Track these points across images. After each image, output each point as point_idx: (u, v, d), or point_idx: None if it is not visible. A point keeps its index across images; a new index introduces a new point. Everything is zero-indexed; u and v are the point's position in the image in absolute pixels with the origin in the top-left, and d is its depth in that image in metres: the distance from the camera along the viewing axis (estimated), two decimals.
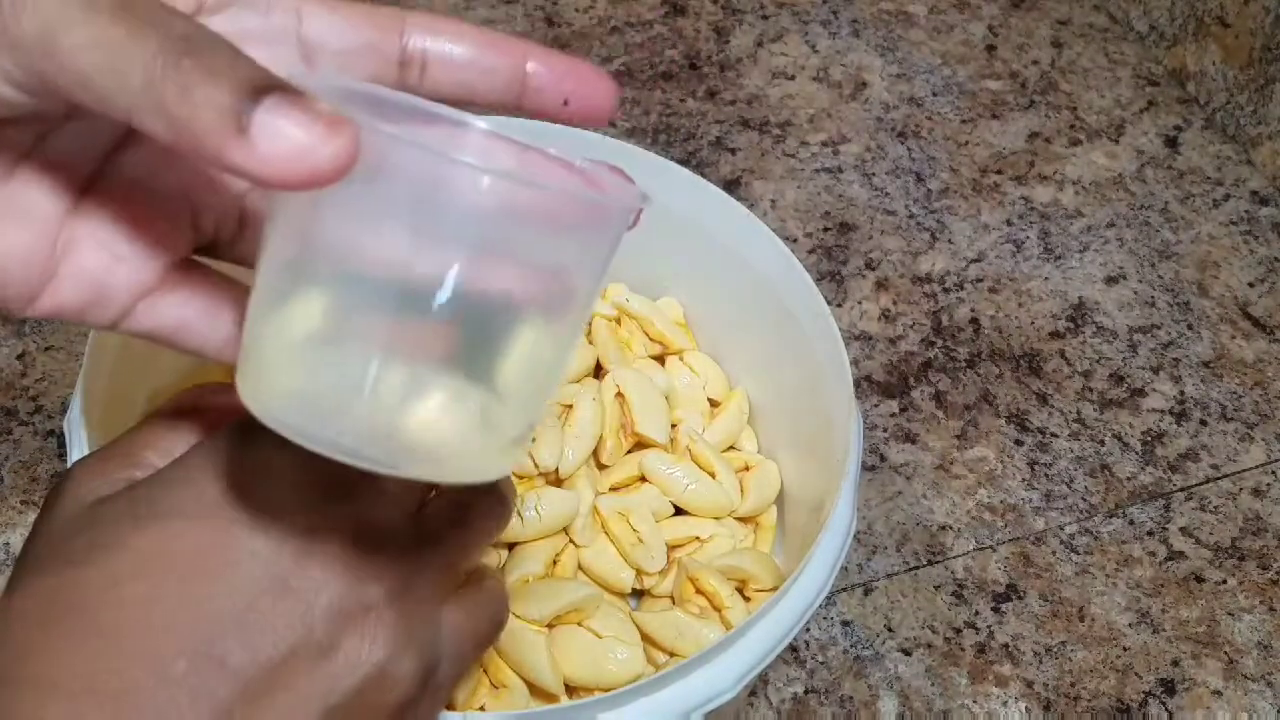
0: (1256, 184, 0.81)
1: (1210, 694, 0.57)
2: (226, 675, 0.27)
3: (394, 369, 0.26)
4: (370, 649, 0.29)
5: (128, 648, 0.27)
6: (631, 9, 0.88)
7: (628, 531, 0.50)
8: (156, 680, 0.27)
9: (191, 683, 0.27)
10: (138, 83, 0.22)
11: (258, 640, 0.28)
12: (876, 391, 0.67)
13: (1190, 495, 0.65)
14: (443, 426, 0.27)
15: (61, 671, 0.27)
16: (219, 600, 0.28)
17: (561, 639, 0.47)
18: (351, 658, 0.29)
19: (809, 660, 0.57)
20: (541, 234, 0.26)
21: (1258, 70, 0.80)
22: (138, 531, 0.29)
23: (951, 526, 0.62)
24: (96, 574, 0.28)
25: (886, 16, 0.90)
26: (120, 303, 0.28)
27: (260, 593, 0.28)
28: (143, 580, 0.28)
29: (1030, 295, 0.73)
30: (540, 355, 0.28)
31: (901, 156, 0.80)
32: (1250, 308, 0.74)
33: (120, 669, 0.27)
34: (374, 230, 0.25)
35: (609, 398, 0.53)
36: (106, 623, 0.27)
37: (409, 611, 0.30)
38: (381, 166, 0.24)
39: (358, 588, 0.29)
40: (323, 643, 0.28)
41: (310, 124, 0.22)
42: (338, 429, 0.26)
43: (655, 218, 0.55)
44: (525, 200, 0.25)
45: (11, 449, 0.60)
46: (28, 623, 0.28)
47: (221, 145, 0.22)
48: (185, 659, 0.27)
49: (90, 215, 0.27)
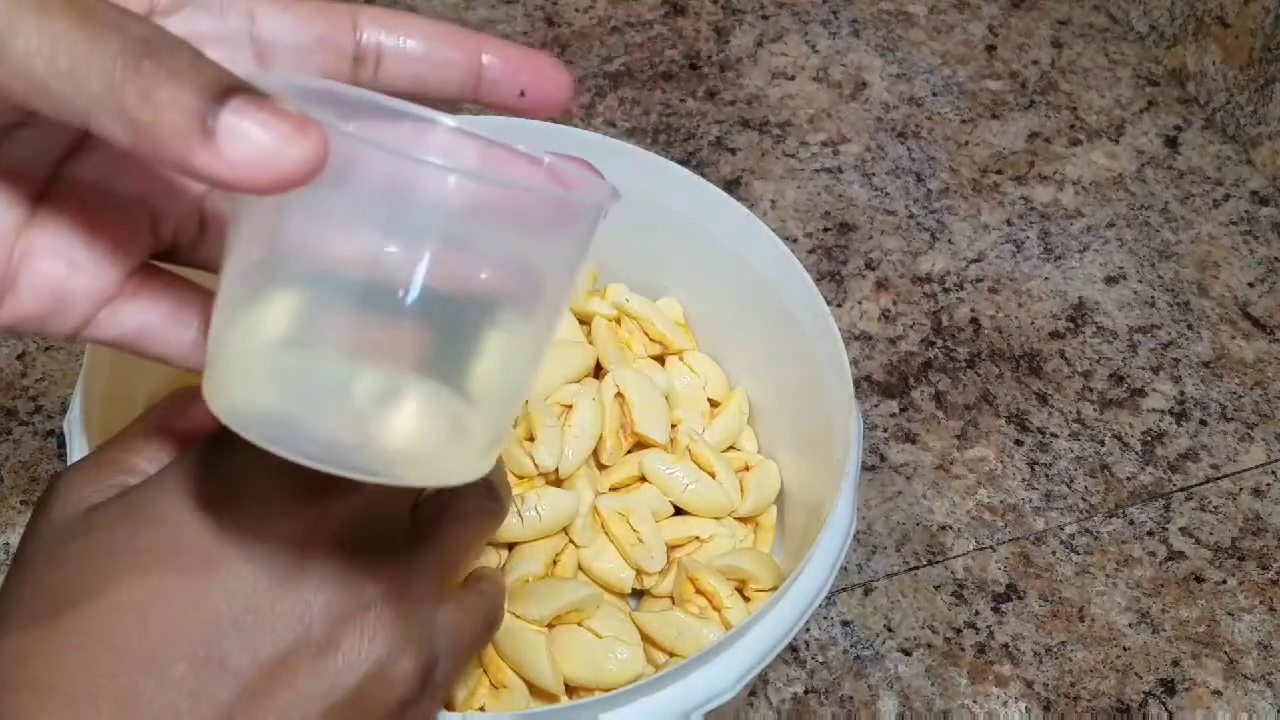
0: (1256, 184, 0.81)
1: (1210, 694, 0.57)
2: (227, 677, 0.27)
3: (363, 373, 0.26)
4: (370, 647, 0.29)
5: (126, 651, 0.27)
6: (631, 9, 0.88)
7: (628, 531, 0.50)
8: (156, 683, 0.27)
9: (191, 685, 0.27)
10: (96, 87, 0.21)
11: (257, 641, 0.28)
12: (876, 391, 0.67)
13: (1190, 495, 0.65)
14: (415, 431, 0.26)
15: (59, 675, 0.27)
16: (217, 602, 0.28)
17: (561, 639, 0.47)
18: (351, 656, 0.29)
19: (809, 660, 0.57)
20: (509, 232, 0.26)
21: (1258, 70, 0.80)
22: (133, 536, 0.29)
23: (951, 526, 0.62)
24: (92, 579, 0.28)
25: (886, 16, 0.90)
26: (81, 311, 0.27)
27: (258, 594, 0.28)
28: (139, 585, 0.28)
29: (1030, 295, 0.73)
30: (513, 355, 0.28)
31: (901, 156, 0.80)
32: (1250, 308, 0.74)
33: (119, 673, 0.27)
34: (341, 232, 0.25)
35: (609, 398, 0.53)
36: (103, 627, 0.27)
37: (407, 610, 0.30)
38: (347, 168, 0.24)
39: (355, 587, 0.29)
40: (322, 641, 0.28)
41: (277, 126, 0.21)
42: (307, 435, 0.25)
43: (655, 218, 0.55)
44: (492, 198, 0.25)
45: (11, 449, 0.60)
46: (24, 628, 0.28)
47: (186, 149, 0.21)
48: (184, 662, 0.27)
49: (46, 224, 0.26)
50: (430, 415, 0.26)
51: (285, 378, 0.26)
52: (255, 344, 0.26)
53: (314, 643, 0.28)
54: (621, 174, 0.54)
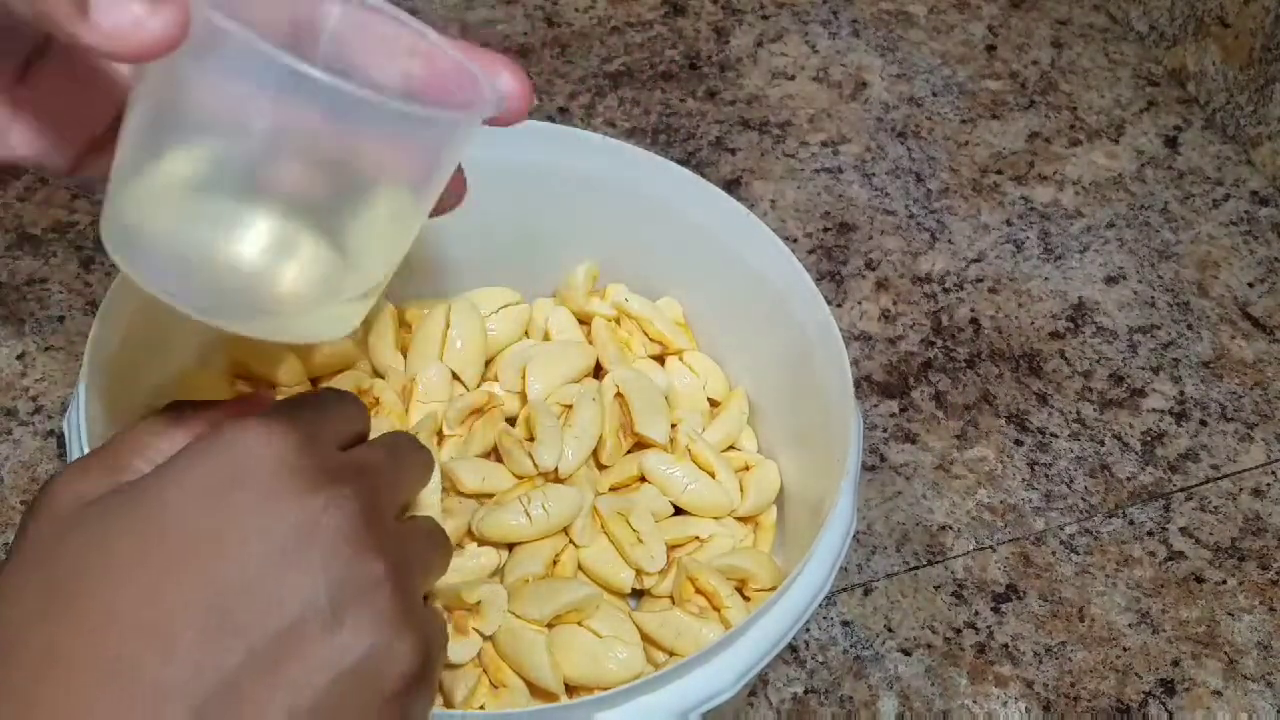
0: (1256, 184, 0.81)
1: (1210, 694, 0.57)
2: (236, 644, 0.28)
3: (249, 226, 0.29)
4: (375, 624, 0.30)
5: (130, 621, 0.27)
6: (631, 9, 0.88)
7: (627, 531, 0.50)
8: (161, 652, 0.27)
9: (197, 655, 0.27)
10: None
11: (266, 611, 0.28)
12: (876, 391, 0.67)
13: (1190, 495, 0.65)
14: (298, 281, 0.30)
15: (61, 643, 0.27)
16: (228, 574, 0.28)
17: (561, 639, 0.47)
18: (358, 631, 0.29)
19: (809, 660, 0.57)
20: (364, 124, 0.29)
21: (1258, 70, 0.80)
22: (134, 525, 0.29)
23: (951, 526, 0.62)
24: (96, 561, 0.28)
25: (886, 16, 0.90)
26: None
27: (268, 567, 0.29)
28: (144, 564, 0.28)
29: (1030, 295, 0.73)
30: (388, 219, 0.31)
31: (901, 156, 0.80)
32: (1250, 308, 0.74)
33: (124, 643, 0.27)
34: (216, 98, 0.28)
35: (609, 398, 0.53)
36: (108, 600, 0.28)
37: (407, 594, 0.31)
38: (214, 42, 0.27)
39: (361, 567, 0.30)
40: (329, 616, 0.29)
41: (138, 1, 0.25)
42: (197, 286, 0.29)
43: (655, 217, 0.55)
44: (347, 99, 0.27)
45: (11, 449, 0.60)
46: (25, 611, 0.28)
47: (72, 27, 0.25)
48: (193, 630, 0.27)
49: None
50: (311, 269, 0.30)
51: (180, 222, 0.30)
52: (153, 191, 0.29)
53: (322, 616, 0.29)
54: (622, 174, 0.55)
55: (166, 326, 0.50)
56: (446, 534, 0.36)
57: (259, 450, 0.30)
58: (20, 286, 0.66)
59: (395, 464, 0.35)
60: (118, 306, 0.47)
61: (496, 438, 0.53)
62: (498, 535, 0.50)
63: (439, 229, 0.59)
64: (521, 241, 0.58)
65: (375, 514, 0.31)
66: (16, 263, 0.67)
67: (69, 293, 0.66)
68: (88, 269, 0.67)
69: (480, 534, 0.50)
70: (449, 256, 0.59)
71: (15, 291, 0.66)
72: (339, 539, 0.30)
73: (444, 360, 0.55)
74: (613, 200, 0.55)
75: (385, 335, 0.57)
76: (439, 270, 0.59)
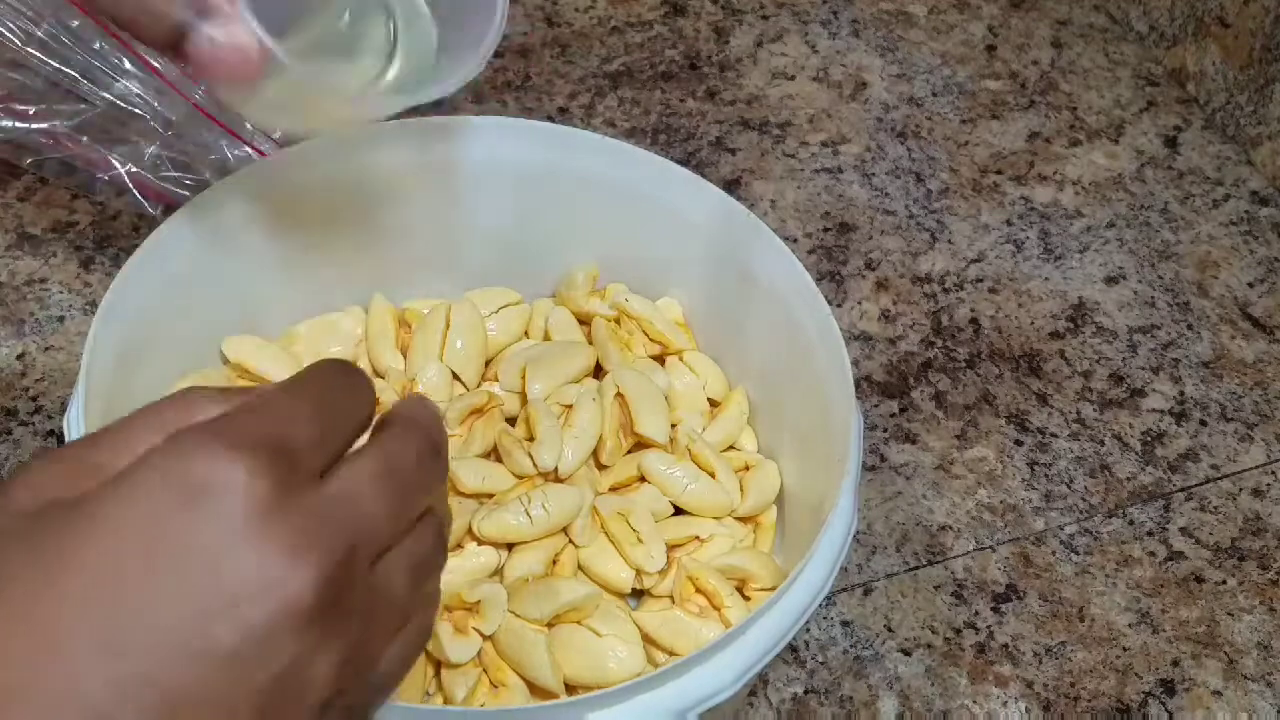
0: (1256, 184, 0.81)
1: (1210, 694, 0.57)
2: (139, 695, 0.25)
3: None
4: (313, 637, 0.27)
5: (57, 639, 0.26)
6: (631, 9, 0.88)
7: (627, 531, 0.50)
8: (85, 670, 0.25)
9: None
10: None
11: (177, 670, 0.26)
12: (876, 391, 0.67)
13: (1190, 495, 0.65)
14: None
15: None
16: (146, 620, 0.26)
17: (561, 638, 0.47)
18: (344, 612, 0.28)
19: (809, 660, 0.57)
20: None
21: (1258, 70, 0.80)
22: (85, 535, 0.27)
23: (951, 527, 0.62)
24: (35, 573, 0.27)
25: (886, 16, 0.90)
26: None
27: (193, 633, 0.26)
28: (92, 575, 0.26)
29: (1030, 295, 0.73)
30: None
31: (901, 156, 0.80)
32: (1250, 308, 0.74)
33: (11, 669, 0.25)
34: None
35: (609, 398, 0.53)
36: (42, 615, 0.26)
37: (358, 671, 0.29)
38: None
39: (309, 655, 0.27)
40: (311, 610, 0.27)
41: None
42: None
43: (655, 218, 0.55)
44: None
45: (11, 449, 0.60)
46: None
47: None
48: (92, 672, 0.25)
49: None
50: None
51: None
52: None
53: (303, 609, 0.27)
54: (622, 174, 0.55)
55: (166, 326, 0.50)
56: (445, 540, 0.33)
57: (220, 461, 0.27)
58: (20, 286, 0.66)
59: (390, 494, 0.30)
60: (118, 307, 0.47)
61: (496, 438, 0.53)
62: (498, 535, 0.50)
63: (439, 229, 0.59)
64: (521, 241, 0.58)
65: (346, 576, 0.28)
66: (16, 263, 0.67)
67: (69, 293, 0.66)
68: (88, 269, 0.67)
69: (480, 534, 0.50)
70: (449, 256, 0.59)
71: (15, 291, 0.66)
72: (294, 618, 0.26)
73: (444, 360, 0.55)
74: (613, 200, 0.55)
75: (385, 335, 0.57)
76: (439, 270, 0.59)
